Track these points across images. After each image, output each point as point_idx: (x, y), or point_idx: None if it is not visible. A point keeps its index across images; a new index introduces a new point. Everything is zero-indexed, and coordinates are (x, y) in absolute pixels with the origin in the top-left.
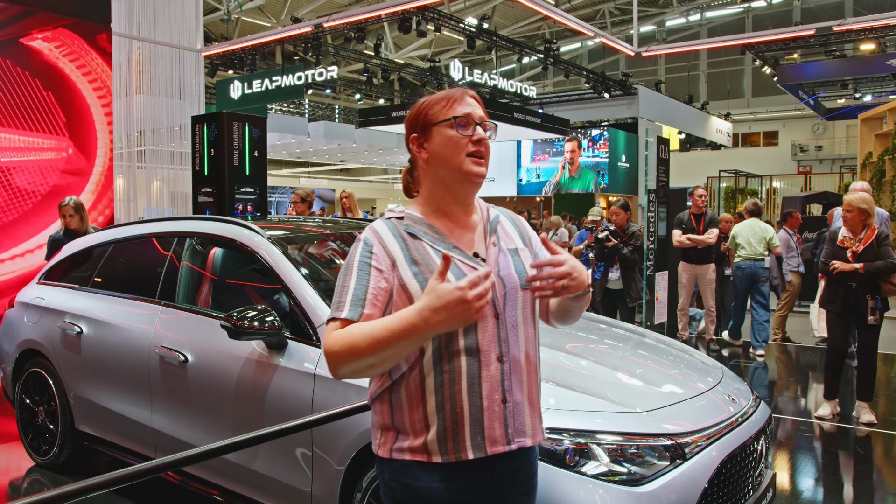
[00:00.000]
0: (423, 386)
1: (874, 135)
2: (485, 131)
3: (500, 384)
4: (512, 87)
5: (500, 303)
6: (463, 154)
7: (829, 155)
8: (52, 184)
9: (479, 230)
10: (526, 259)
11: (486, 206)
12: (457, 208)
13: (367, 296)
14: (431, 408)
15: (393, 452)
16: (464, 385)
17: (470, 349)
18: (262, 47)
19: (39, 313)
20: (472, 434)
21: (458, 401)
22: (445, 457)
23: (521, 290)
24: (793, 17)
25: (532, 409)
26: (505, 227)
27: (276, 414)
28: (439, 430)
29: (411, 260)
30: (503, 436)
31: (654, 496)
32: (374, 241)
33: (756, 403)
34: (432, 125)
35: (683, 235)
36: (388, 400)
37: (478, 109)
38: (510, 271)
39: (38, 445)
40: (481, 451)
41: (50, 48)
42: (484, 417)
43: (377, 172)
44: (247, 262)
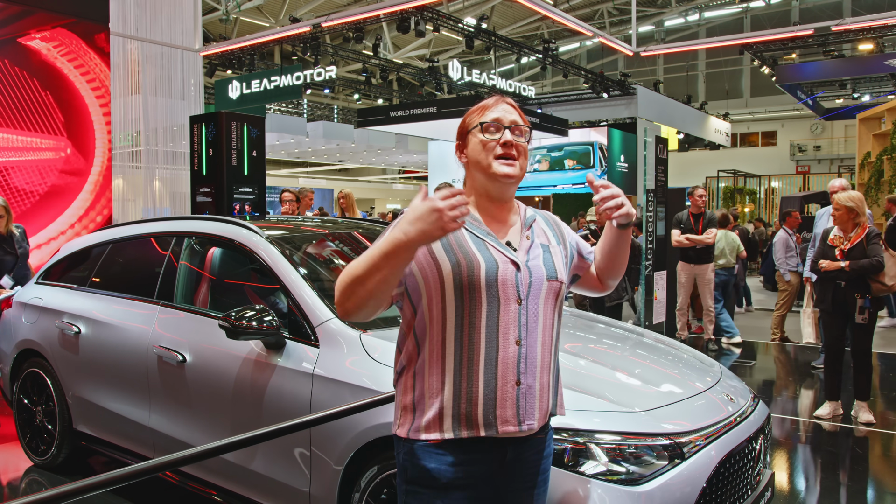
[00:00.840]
0: (444, 362)
1: (872, 135)
2: (520, 135)
3: (515, 366)
4: (510, 87)
5: (525, 290)
6: (491, 156)
7: (828, 155)
8: (51, 184)
9: (516, 226)
10: (556, 256)
11: (524, 208)
12: (494, 207)
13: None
14: (449, 383)
15: (410, 433)
16: (481, 364)
17: (490, 329)
18: (260, 47)
19: (37, 313)
20: (484, 413)
21: (475, 379)
22: (458, 432)
23: (547, 282)
24: (791, 18)
25: (542, 395)
26: (541, 226)
27: (275, 414)
28: (454, 406)
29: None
30: (514, 416)
31: (653, 496)
32: None
33: (754, 403)
34: (467, 132)
35: (682, 235)
36: (410, 375)
37: (509, 114)
38: (538, 262)
39: (36, 445)
40: (493, 430)
41: (48, 48)
42: (497, 397)
43: (376, 172)
44: (245, 262)
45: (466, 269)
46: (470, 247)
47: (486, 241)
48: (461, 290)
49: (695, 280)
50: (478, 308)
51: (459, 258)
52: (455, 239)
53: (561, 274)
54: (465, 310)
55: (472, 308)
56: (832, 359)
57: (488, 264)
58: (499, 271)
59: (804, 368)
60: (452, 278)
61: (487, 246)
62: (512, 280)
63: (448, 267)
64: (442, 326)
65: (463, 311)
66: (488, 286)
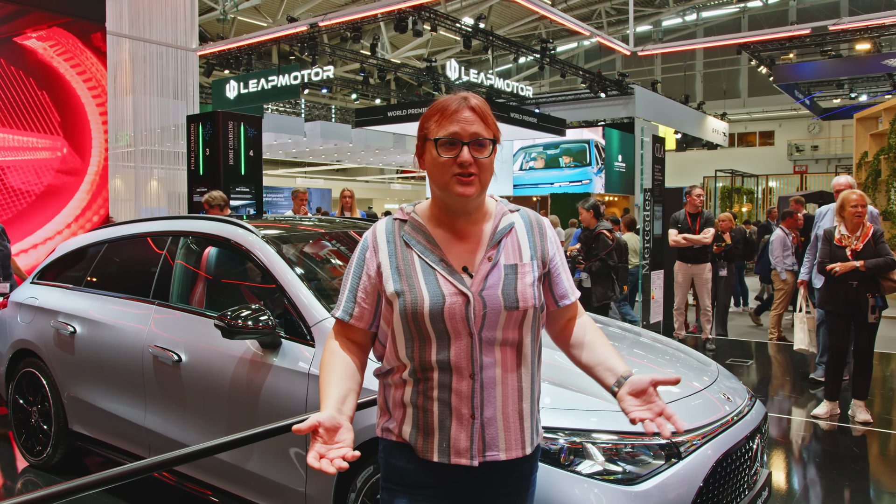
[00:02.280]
0: (404, 386)
1: (870, 134)
2: (481, 150)
3: (469, 400)
4: (508, 86)
5: (478, 322)
6: (447, 175)
7: (825, 155)
8: (47, 183)
9: (483, 241)
10: (523, 278)
11: (501, 213)
12: (457, 219)
13: (357, 298)
14: (409, 402)
15: (383, 432)
16: (435, 394)
17: (442, 364)
18: (258, 47)
19: (33, 313)
20: (439, 440)
21: (430, 406)
22: (416, 450)
23: (505, 312)
24: (788, 17)
25: (507, 425)
26: (516, 238)
27: (270, 413)
28: (413, 426)
29: (396, 269)
30: (467, 450)
31: (649, 495)
32: (369, 244)
33: (751, 402)
34: (425, 140)
35: (679, 235)
36: (383, 382)
37: (470, 126)
38: (495, 291)
39: (31, 446)
40: (445, 458)
41: (44, 47)
42: (451, 428)
43: (373, 172)
44: (241, 262)
45: (411, 303)
46: (417, 278)
47: (435, 271)
48: (408, 324)
49: (692, 279)
50: (427, 342)
51: (405, 291)
52: (404, 269)
53: (525, 300)
54: (415, 342)
55: (421, 341)
56: (836, 360)
57: (433, 298)
58: (445, 306)
59: (801, 368)
60: (399, 311)
61: (437, 276)
62: (460, 313)
63: (395, 299)
64: (397, 354)
65: (413, 343)
66: (433, 321)
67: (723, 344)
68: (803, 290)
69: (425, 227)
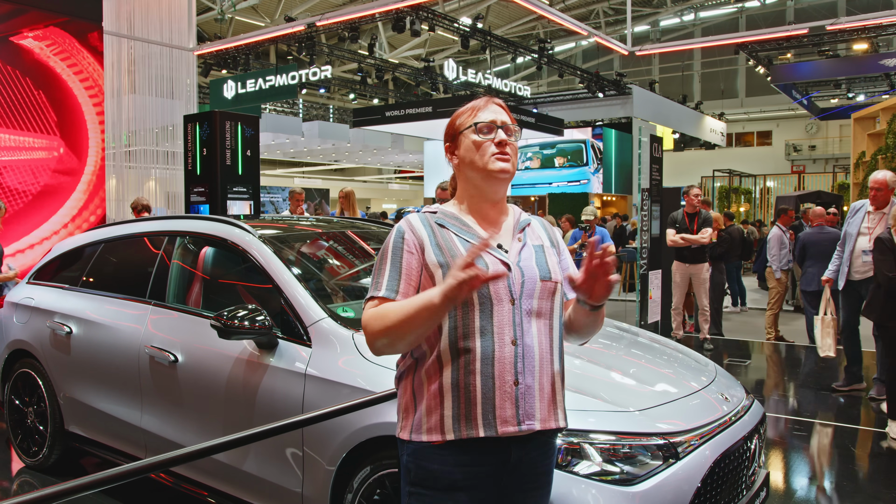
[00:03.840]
0: (441, 364)
1: (867, 134)
2: (511, 135)
3: (513, 366)
4: (506, 86)
5: (518, 290)
6: (487, 155)
7: (823, 154)
8: (44, 183)
9: (508, 228)
10: (550, 257)
11: (519, 211)
12: (486, 206)
13: (402, 276)
14: (447, 385)
15: (412, 434)
16: (478, 364)
17: (484, 330)
18: (255, 47)
19: (29, 313)
20: (483, 412)
21: (472, 379)
22: (458, 433)
23: (541, 282)
24: (786, 17)
25: (542, 395)
26: (534, 229)
27: (267, 414)
28: (454, 407)
29: (436, 245)
30: (514, 416)
31: (647, 496)
32: (405, 228)
33: (749, 402)
34: (459, 133)
35: (677, 235)
36: (410, 378)
37: (501, 115)
38: (531, 263)
39: (27, 447)
40: (492, 430)
41: (41, 47)
42: (496, 397)
43: (371, 172)
44: (238, 262)
45: None
46: (460, 251)
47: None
48: None
49: (690, 279)
50: (471, 310)
51: (451, 263)
52: (446, 246)
53: (555, 274)
54: (458, 312)
55: (465, 311)
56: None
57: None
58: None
59: (798, 367)
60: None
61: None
62: (503, 281)
63: (441, 273)
64: (438, 330)
65: (456, 314)
66: (479, 288)
67: (720, 344)
68: (828, 291)
69: (456, 213)
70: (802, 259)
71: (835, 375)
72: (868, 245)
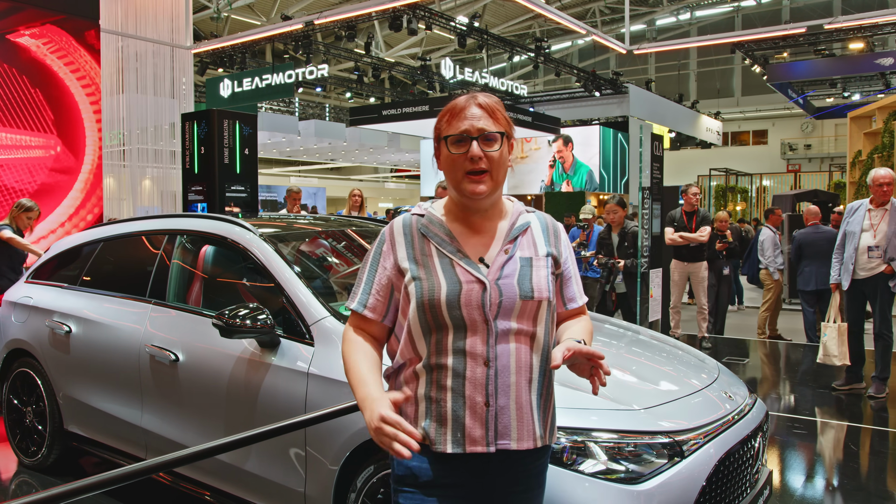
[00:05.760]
0: (417, 375)
1: (863, 133)
2: (491, 144)
3: (483, 388)
4: (503, 85)
5: (494, 310)
6: (460, 173)
7: (818, 153)
8: (40, 182)
9: (500, 236)
10: (538, 271)
11: (518, 212)
12: (473, 216)
13: (373, 289)
14: (421, 396)
15: None
16: (449, 382)
17: (457, 350)
18: (252, 45)
19: (27, 312)
20: (452, 430)
21: (444, 395)
22: (430, 444)
23: (521, 301)
24: (782, 17)
25: (520, 415)
26: (532, 236)
27: (269, 413)
28: (427, 417)
29: (413, 259)
30: (483, 437)
31: (653, 494)
32: (386, 237)
33: (753, 401)
34: (439, 139)
35: (676, 233)
36: (394, 381)
37: (478, 121)
38: (512, 280)
39: (26, 446)
40: (459, 448)
41: (37, 45)
42: (465, 416)
43: (368, 171)
44: (238, 260)
45: (427, 290)
46: (434, 267)
47: (452, 260)
48: (424, 312)
49: (688, 278)
50: (444, 329)
51: (422, 280)
52: (421, 259)
53: (540, 291)
54: (431, 330)
55: (438, 328)
56: None
57: (450, 286)
58: (461, 293)
59: (797, 366)
60: (416, 299)
61: (454, 265)
62: (477, 300)
63: (413, 288)
64: (413, 344)
65: (430, 331)
66: (450, 308)
67: (718, 342)
68: (837, 296)
69: (442, 220)
70: (799, 259)
71: (833, 374)
72: (873, 241)
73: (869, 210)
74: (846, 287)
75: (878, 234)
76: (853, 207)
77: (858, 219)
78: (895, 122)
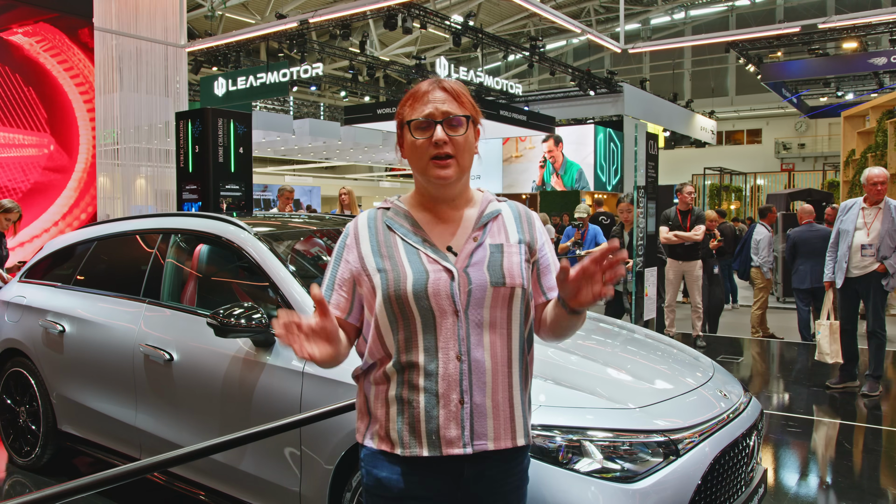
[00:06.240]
0: (387, 376)
1: (857, 132)
2: (456, 128)
3: (458, 384)
4: (498, 84)
5: (463, 299)
6: (425, 159)
7: (812, 153)
8: (34, 181)
9: (468, 224)
10: (510, 257)
11: (488, 200)
12: (440, 205)
13: (335, 284)
14: (393, 398)
15: (365, 439)
16: (421, 381)
17: (428, 346)
18: (246, 44)
19: (21, 312)
20: (427, 432)
21: (416, 396)
22: (403, 449)
23: (492, 288)
24: (776, 16)
25: (496, 412)
26: (502, 223)
27: (264, 413)
28: (399, 423)
29: (378, 252)
30: (459, 437)
31: (648, 493)
32: (350, 232)
33: (747, 399)
34: (402, 125)
35: (670, 232)
36: (363, 383)
37: (442, 105)
38: (481, 268)
39: (19, 446)
40: (436, 450)
41: (31, 43)
42: (440, 416)
43: (362, 170)
44: (233, 259)
45: (393, 282)
46: (400, 257)
47: (418, 250)
48: (391, 304)
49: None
50: (412, 322)
51: (388, 270)
52: (387, 251)
53: (512, 278)
54: (399, 324)
55: (406, 322)
56: None
57: (416, 275)
58: (428, 282)
59: (791, 364)
60: (382, 291)
61: (419, 254)
62: (445, 290)
63: (378, 280)
64: (382, 340)
65: (398, 325)
66: (417, 298)
67: (713, 341)
68: (830, 295)
69: (408, 211)
70: (793, 257)
71: (827, 372)
72: (866, 240)
73: (863, 209)
74: (840, 285)
75: (872, 233)
76: (847, 206)
77: (852, 217)
78: (888, 122)
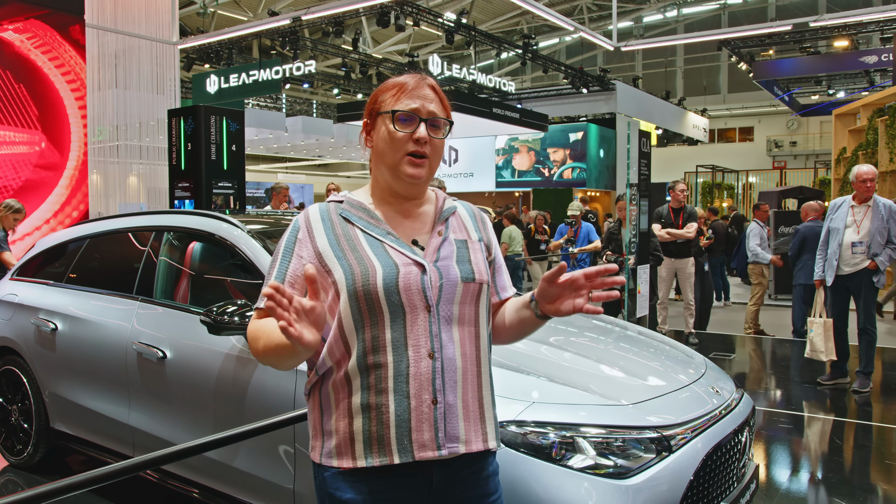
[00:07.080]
0: (349, 381)
1: (848, 130)
2: (437, 129)
3: (430, 383)
4: (490, 82)
5: (435, 294)
6: (401, 153)
7: (804, 150)
8: (25, 178)
9: (428, 219)
10: (475, 253)
11: (442, 197)
12: (400, 201)
13: (285, 282)
14: (357, 407)
15: (322, 458)
16: (390, 382)
17: (397, 343)
18: (238, 41)
19: (12, 310)
20: (398, 436)
21: (385, 399)
22: (371, 460)
23: (462, 284)
24: (768, 14)
25: (467, 413)
26: (461, 219)
27: (258, 410)
28: (365, 431)
29: (338, 245)
30: (433, 440)
31: (641, 489)
32: (301, 225)
33: (739, 396)
34: (378, 114)
35: (663, 230)
36: (318, 397)
37: (430, 104)
38: (450, 262)
39: (11, 445)
40: (408, 456)
41: (21, 39)
42: (411, 419)
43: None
44: (226, 257)
45: (361, 276)
46: (364, 251)
47: (384, 243)
48: (357, 301)
49: (675, 274)
50: (380, 319)
51: (353, 265)
52: (348, 243)
53: (480, 274)
54: (365, 322)
55: (373, 320)
56: None
57: (386, 269)
58: (399, 276)
59: (782, 361)
60: (348, 288)
61: (386, 247)
62: (416, 284)
63: (341, 275)
64: (345, 341)
65: (364, 323)
66: (387, 293)
67: (705, 338)
68: (822, 293)
69: (366, 205)
70: (801, 252)
71: (819, 369)
72: (856, 237)
73: (852, 206)
74: (830, 283)
75: (862, 231)
76: (836, 204)
77: (842, 215)
78: (879, 120)
